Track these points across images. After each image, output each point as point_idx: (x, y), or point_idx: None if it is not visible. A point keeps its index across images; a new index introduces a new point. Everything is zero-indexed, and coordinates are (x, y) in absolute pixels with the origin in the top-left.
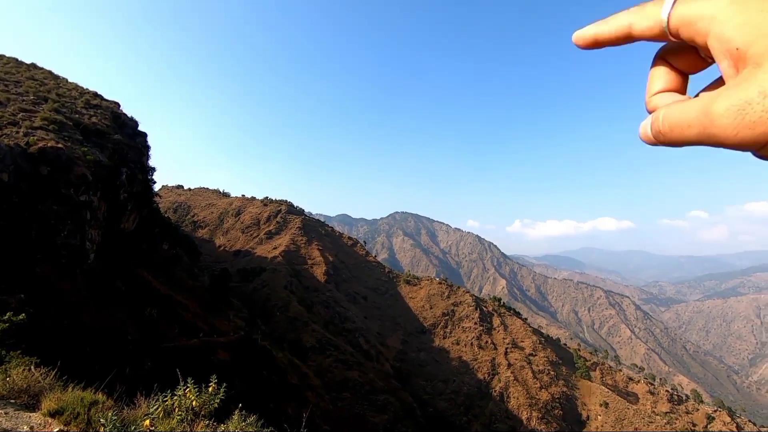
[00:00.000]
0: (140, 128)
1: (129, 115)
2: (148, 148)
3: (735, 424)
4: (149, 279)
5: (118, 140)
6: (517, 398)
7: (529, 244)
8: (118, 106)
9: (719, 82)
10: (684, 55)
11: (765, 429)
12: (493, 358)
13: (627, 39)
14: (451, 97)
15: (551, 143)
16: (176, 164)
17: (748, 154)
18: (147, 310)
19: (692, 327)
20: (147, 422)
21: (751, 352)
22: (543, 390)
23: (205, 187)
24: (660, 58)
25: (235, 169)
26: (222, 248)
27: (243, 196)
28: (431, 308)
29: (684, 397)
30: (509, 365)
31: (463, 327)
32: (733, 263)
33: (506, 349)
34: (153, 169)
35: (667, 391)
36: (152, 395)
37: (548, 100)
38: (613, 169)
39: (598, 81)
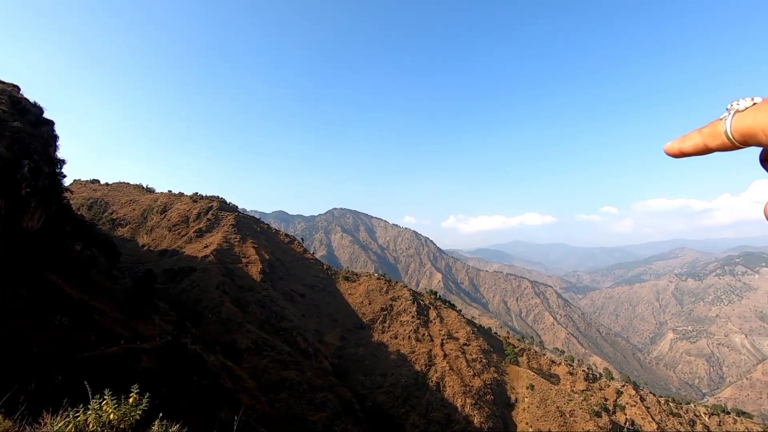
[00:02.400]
0: (46, 116)
1: (32, 101)
2: (55, 138)
3: (639, 396)
4: (59, 283)
5: (18, 128)
6: (452, 387)
7: (463, 238)
8: (18, 89)
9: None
10: None
11: (662, 398)
12: (430, 350)
13: (706, 152)
14: (386, 92)
15: (482, 138)
16: (92, 158)
17: (653, 160)
18: (56, 318)
19: (605, 311)
20: None
21: (652, 331)
22: (476, 377)
23: (125, 182)
24: (765, 161)
25: (161, 164)
26: (146, 248)
27: (170, 192)
28: (370, 304)
29: (598, 375)
30: (445, 356)
31: (401, 321)
32: (638, 253)
33: (442, 340)
34: (62, 162)
35: (583, 371)
36: (61, 411)
37: (479, 98)
38: (537, 167)
39: (521, 82)
